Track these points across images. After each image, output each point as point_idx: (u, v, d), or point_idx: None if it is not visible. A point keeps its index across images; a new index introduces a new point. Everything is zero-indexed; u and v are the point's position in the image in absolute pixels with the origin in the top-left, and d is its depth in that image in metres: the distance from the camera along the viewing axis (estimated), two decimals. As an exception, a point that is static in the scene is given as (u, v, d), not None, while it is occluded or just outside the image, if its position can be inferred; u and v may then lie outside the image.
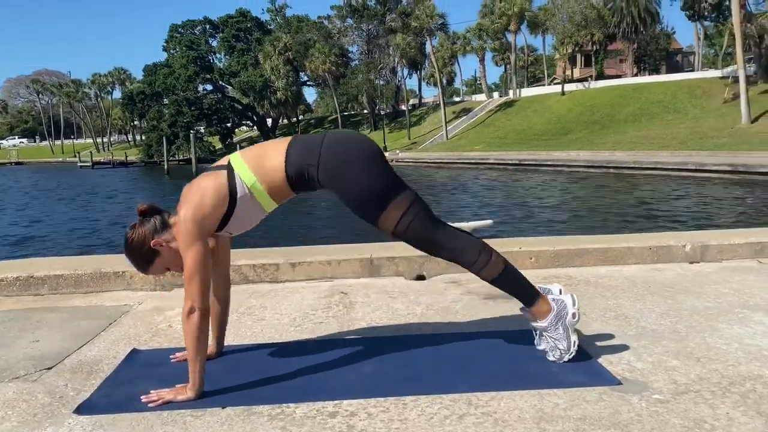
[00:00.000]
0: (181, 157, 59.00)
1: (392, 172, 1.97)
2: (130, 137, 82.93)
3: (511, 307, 2.71)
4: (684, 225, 11.23)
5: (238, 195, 1.89)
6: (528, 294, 2.02)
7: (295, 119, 65.78)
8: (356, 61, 58.44)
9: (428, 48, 50.12)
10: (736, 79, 31.51)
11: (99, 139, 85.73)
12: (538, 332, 2.08)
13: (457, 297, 2.89)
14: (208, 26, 65.60)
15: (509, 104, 47.79)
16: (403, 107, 57.19)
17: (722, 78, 35.31)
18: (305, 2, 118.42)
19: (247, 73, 59.55)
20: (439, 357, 2.09)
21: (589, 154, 27.54)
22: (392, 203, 1.91)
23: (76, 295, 3.15)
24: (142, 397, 1.81)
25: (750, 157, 21.36)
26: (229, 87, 65.58)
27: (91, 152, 64.06)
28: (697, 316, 2.45)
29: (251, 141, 62.58)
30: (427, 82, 63.76)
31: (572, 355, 1.97)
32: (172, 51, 65.01)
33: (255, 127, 71.14)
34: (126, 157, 63.90)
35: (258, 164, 1.91)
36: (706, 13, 33.19)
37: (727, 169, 19.77)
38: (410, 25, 49.52)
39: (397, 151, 43.79)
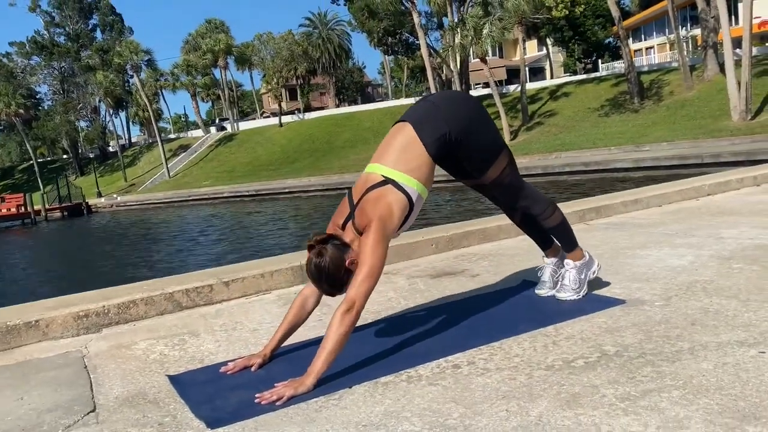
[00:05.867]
0: None
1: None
2: None
3: (460, 279, 3.10)
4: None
5: (414, 200, 2.05)
6: (573, 243, 2.49)
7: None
8: (50, 102, 52.66)
9: (137, 85, 47.52)
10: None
11: None
12: (548, 280, 2.53)
13: (407, 282, 3.17)
14: None
15: (229, 138, 47.86)
16: (111, 148, 53.23)
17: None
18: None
19: None
20: (476, 317, 2.38)
21: (321, 179, 29.19)
22: (502, 153, 2.24)
23: (-21, 358, 2.62)
24: (258, 401, 1.77)
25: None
26: None
27: None
28: (607, 258, 3.14)
29: None
30: (133, 121, 60.38)
31: (579, 297, 2.44)
32: None
33: None
34: None
35: (405, 165, 2.06)
36: (397, 49, 38.04)
37: (452, 179, 23.01)
38: (111, 62, 46.52)
39: (115, 196, 40.52)
